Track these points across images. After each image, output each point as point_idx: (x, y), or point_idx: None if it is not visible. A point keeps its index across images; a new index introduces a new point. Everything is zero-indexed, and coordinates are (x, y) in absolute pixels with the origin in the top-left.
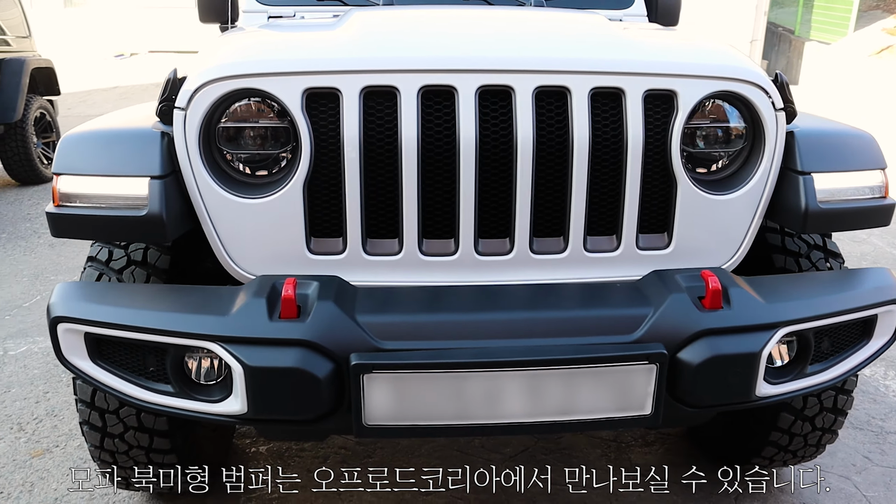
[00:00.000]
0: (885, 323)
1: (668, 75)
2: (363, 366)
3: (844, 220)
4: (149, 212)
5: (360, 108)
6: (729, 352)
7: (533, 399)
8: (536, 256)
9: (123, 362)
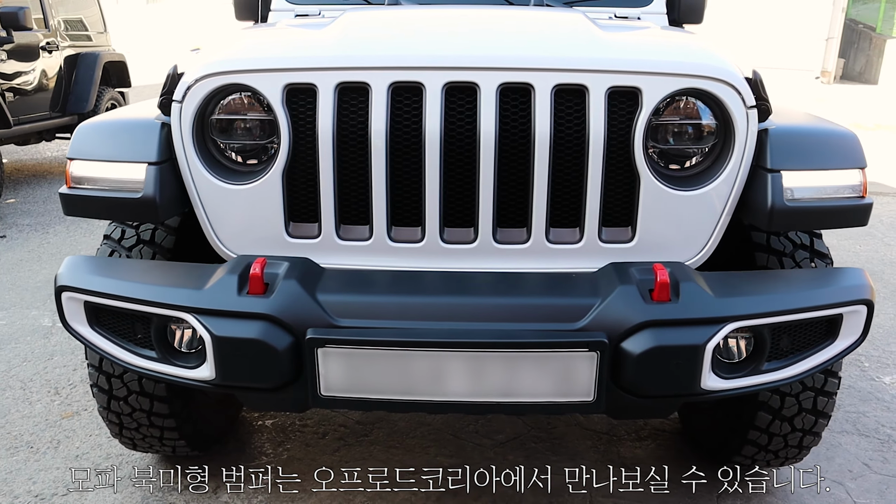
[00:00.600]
0: (851, 323)
1: (632, 72)
2: (318, 340)
3: (816, 219)
4: (143, 194)
5: (335, 102)
6: (671, 343)
7: (476, 380)
8: (499, 246)
9: (116, 329)
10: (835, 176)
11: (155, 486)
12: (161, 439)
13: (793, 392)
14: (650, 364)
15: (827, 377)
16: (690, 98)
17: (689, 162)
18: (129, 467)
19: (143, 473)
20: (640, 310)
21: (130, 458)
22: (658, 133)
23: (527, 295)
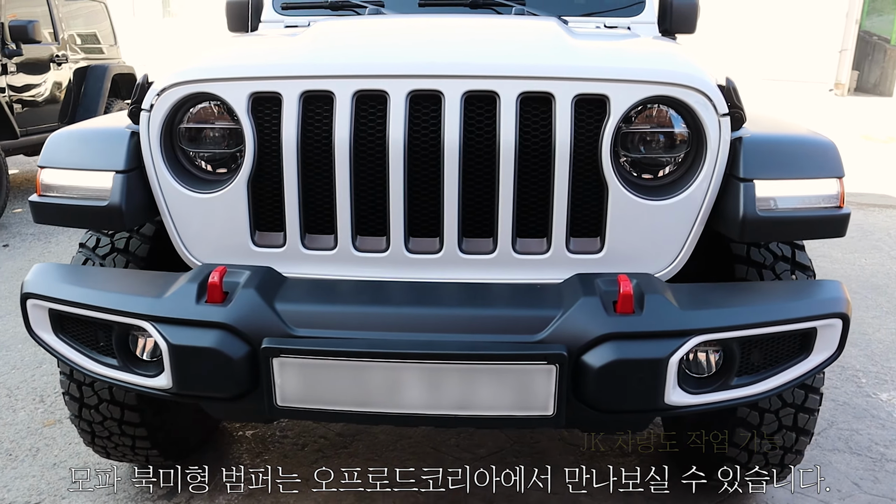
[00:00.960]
0: (826, 337)
1: (600, 80)
2: (272, 349)
3: (791, 230)
4: (110, 203)
5: (299, 111)
6: (632, 357)
7: (432, 392)
8: (465, 256)
9: (80, 337)
10: (810, 185)
11: (127, 496)
12: (133, 448)
13: (772, 408)
14: (611, 378)
15: (808, 393)
16: (662, 106)
17: (663, 171)
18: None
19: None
20: (602, 322)
21: (104, 466)
22: (629, 141)
23: (486, 306)
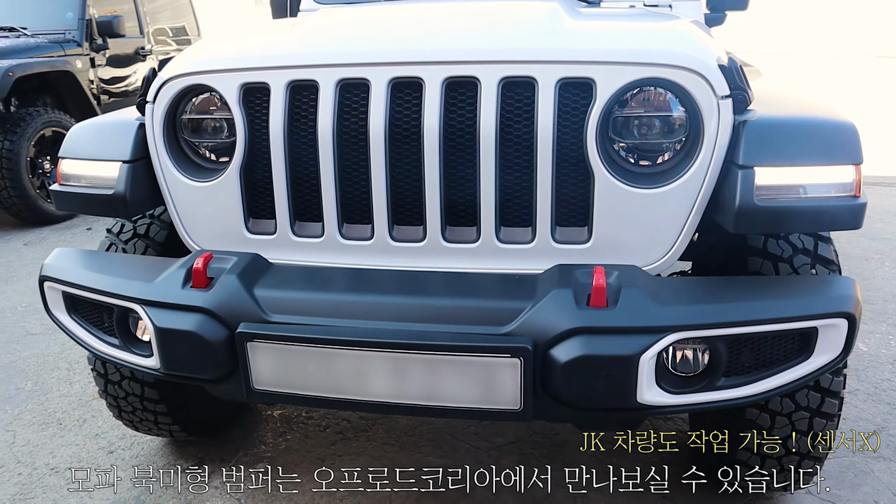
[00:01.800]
0: (828, 338)
1: (584, 62)
2: (247, 334)
3: (796, 221)
4: (115, 191)
5: (286, 100)
6: (599, 353)
7: (398, 381)
8: (448, 245)
9: (88, 317)
10: (821, 172)
11: (156, 467)
12: (156, 423)
13: (784, 411)
14: (578, 374)
15: (824, 397)
16: (660, 89)
17: (663, 157)
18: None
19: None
20: (571, 315)
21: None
22: (624, 126)
23: (455, 296)
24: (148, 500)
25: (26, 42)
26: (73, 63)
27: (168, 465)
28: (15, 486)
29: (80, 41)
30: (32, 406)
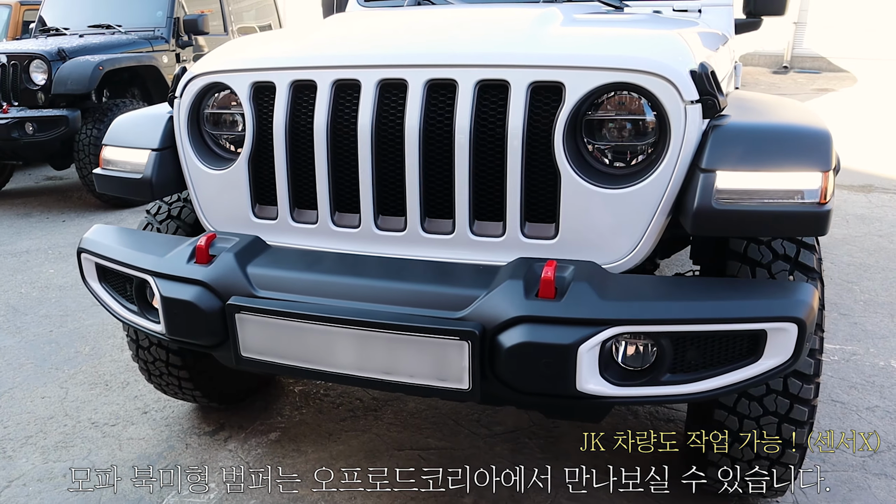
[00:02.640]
0: (777, 342)
1: (553, 67)
2: (235, 306)
3: (755, 225)
4: (143, 176)
5: (288, 98)
6: (539, 341)
7: (361, 355)
8: (427, 235)
9: (115, 286)
10: (785, 178)
11: (181, 429)
12: (181, 388)
13: (752, 415)
14: (520, 359)
15: (793, 403)
16: (633, 93)
17: (636, 159)
18: (169, 410)
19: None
20: (518, 304)
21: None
22: (597, 128)
23: (420, 282)
24: (169, 455)
25: (118, 38)
26: (158, 58)
27: (192, 427)
28: (60, 435)
29: (168, 38)
30: (86, 368)
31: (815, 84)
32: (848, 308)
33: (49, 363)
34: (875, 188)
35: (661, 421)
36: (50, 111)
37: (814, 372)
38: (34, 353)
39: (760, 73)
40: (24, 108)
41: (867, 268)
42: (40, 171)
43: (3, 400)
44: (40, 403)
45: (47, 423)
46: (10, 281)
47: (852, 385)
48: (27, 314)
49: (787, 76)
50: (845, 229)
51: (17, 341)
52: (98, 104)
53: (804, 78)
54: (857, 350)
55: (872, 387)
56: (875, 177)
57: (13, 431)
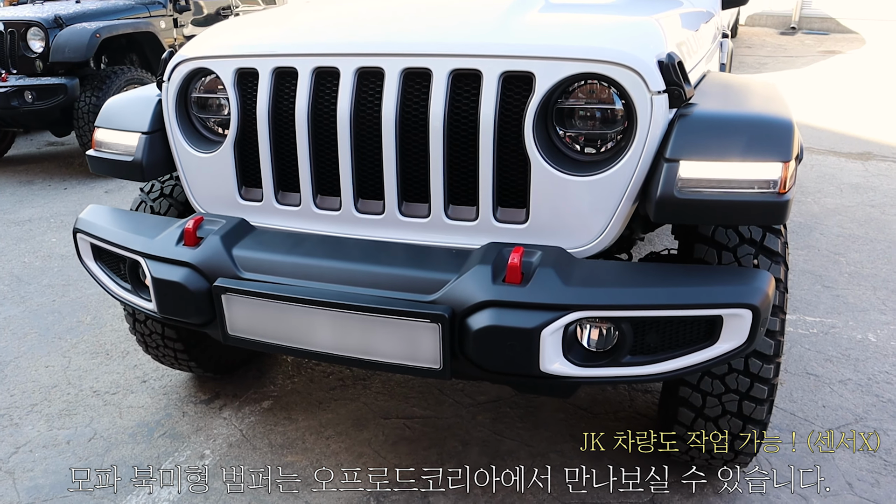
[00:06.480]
0: (732, 327)
1: (524, 57)
2: (221, 287)
3: (716, 213)
4: (134, 158)
5: (271, 84)
6: (504, 324)
7: (339, 335)
8: (404, 219)
9: (110, 265)
10: (744, 168)
11: (178, 398)
12: (176, 359)
13: (714, 392)
14: (487, 341)
15: (753, 381)
16: (602, 83)
17: (605, 146)
18: (167, 379)
19: (173, 389)
20: (486, 289)
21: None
22: (567, 116)
23: (394, 265)
24: (167, 423)
25: (115, 4)
26: (156, 24)
27: (189, 396)
28: (63, 403)
29: (165, 2)
30: (88, 337)
31: (823, 46)
32: (832, 280)
33: (52, 332)
34: (874, 156)
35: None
36: (48, 79)
37: (773, 352)
38: (38, 323)
39: (767, 34)
40: (22, 76)
41: (856, 239)
42: (42, 136)
43: (9, 369)
44: (44, 372)
45: (51, 391)
46: (14, 250)
47: (828, 358)
48: (31, 283)
49: (794, 37)
50: (838, 199)
51: (21, 311)
52: (96, 71)
53: (812, 39)
54: (836, 323)
55: (847, 360)
56: (875, 143)
57: (19, 399)
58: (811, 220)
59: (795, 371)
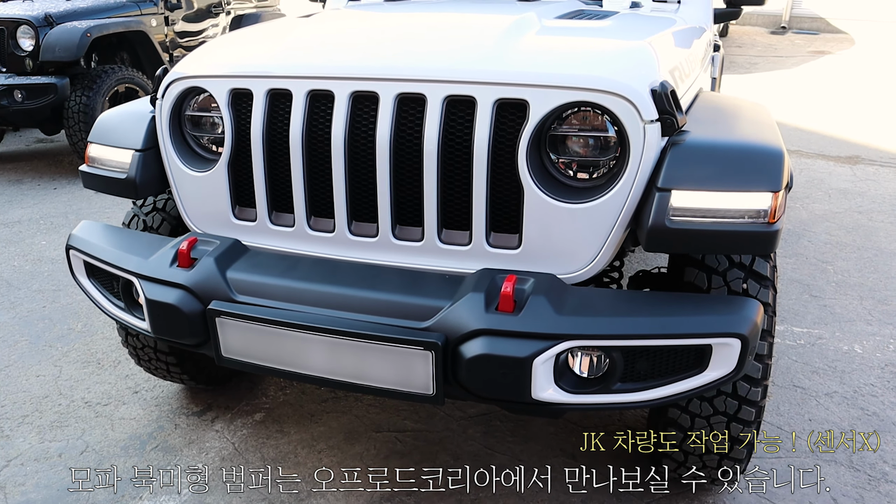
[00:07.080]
0: (721, 355)
1: (518, 85)
2: (215, 311)
3: (706, 243)
4: (127, 175)
5: (265, 106)
6: (497, 353)
7: (333, 360)
8: (397, 242)
9: (103, 282)
10: (734, 198)
11: (170, 409)
12: (168, 371)
13: (703, 414)
14: (479, 369)
15: (741, 404)
16: (596, 110)
17: (598, 173)
18: (159, 390)
19: (165, 401)
20: (479, 318)
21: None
22: (561, 142)
23: (388, 291)
24: (159, 435)
25: (106, 2)
26: (147, 22)
27: (181, 408)
28: (55, 414)
29: (156, 0)
30: (79, 346)
31: (812, 46)
32: (819, 290)
33: (43, 340)
34: (862, 159)
35: None
36: (39, 78)
37: (762, 376)
38: (28, 330)
39: (758, 34)
40: (12, 74)
41: (843, 246)
42: (31, 133)
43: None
44: (35, 382)
45: (42, 402)
46: (3, 253)
47: (815, 370)
48: (20, 289)
49: (784, 37)
50: (826, 205)
51: (11, 317)
52: (87, 70)
53: (802, 39)
54: (823, 334)
55: (834, 372)
56: (863, 147)
57: (10, 410)
58: (799, 226)
59: (782, 384)
